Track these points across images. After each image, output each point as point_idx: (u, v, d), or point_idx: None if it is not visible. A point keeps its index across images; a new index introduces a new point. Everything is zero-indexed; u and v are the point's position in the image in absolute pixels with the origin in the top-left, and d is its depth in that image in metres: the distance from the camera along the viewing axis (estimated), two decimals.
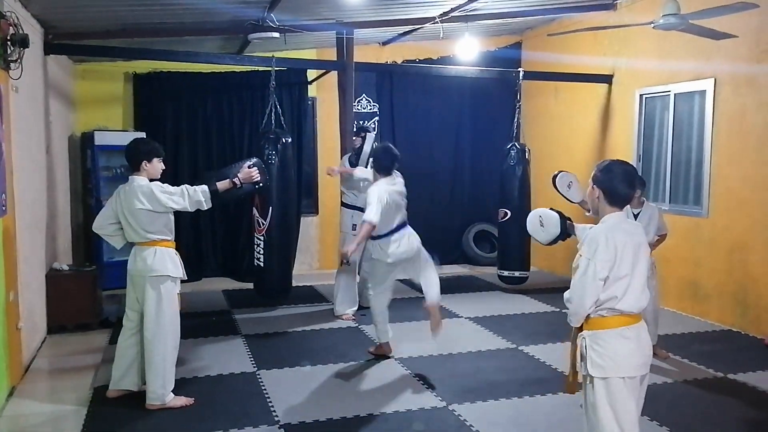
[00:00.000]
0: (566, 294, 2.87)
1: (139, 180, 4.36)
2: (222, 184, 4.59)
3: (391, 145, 5.52)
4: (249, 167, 4.78)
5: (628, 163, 3.02)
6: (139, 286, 4.38)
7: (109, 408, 4.41)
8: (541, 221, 3.43)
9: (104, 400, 4.51)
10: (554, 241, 3.42)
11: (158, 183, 4.40)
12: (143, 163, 4.38)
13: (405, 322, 6.60)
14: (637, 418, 2.86)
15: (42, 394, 4.75)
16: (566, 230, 3.34)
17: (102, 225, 4.46)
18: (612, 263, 2.76)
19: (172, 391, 4.43)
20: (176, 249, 4.49)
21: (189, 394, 4.54)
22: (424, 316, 6.79)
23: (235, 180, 4.65)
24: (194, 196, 4.42)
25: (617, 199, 2.91)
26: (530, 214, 3.58)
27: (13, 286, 4.81)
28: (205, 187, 4.48)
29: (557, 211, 3.38)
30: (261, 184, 4.89)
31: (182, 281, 4.53)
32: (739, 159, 6.38)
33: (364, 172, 6.20)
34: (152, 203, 4.29)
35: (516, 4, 7.41)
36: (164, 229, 4.39)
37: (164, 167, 4.55)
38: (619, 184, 2.88)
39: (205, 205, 4.48)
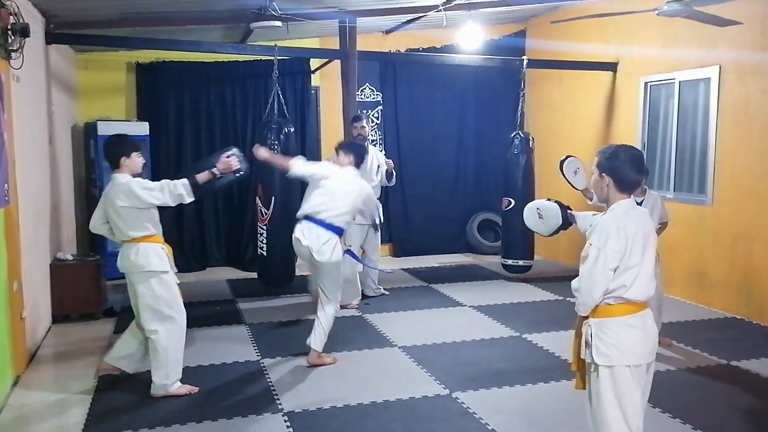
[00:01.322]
0: (574, 283, 2.81)
1: (120, 177, 4.34)
2: (201, 176, 4.47)
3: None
4: (228, 156, 4.66)
5: (634, 147, 2.92)
6: (130, 281, 4.43)
7: (113, 396, 4.43)
8: (539, 214, 3.36)
9: (109, 389, 4.53)
10: (556, 232, 3.37)
11: (138, 179, 4.36)
12: (122, 159, 4.34)
13: (408, 311, 6.62)
14: (642, 406, 2.84)
15: (47, 383, 4.77)
16: (567, 220, 3.29)
17: (96, 225, 4.50)
18: (622, 253, 2.71)
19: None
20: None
21: (193, 383, 4.55)
22: (427, 305, 6.84)
23: (214, 170, 4.52)
24: (174, 191, 4.35)
25: (627, 186, 2.83)
26: (526, 208, 3.50)
27: (17, 275, 4.83)
28: (185, 180, 4.41)
29: (556, 201, 3.32)
30: (241, 172, 4.79)
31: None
32: (743, 147, 6.35)
33: (301, 167, 5.22)
34: (131, 200, 4.26)
35: None
36: (147, 225, 4.36)
37: (144, 160, 4.52)
38: (628, 171, 2.79)
39: (187, 199, 4.41)
